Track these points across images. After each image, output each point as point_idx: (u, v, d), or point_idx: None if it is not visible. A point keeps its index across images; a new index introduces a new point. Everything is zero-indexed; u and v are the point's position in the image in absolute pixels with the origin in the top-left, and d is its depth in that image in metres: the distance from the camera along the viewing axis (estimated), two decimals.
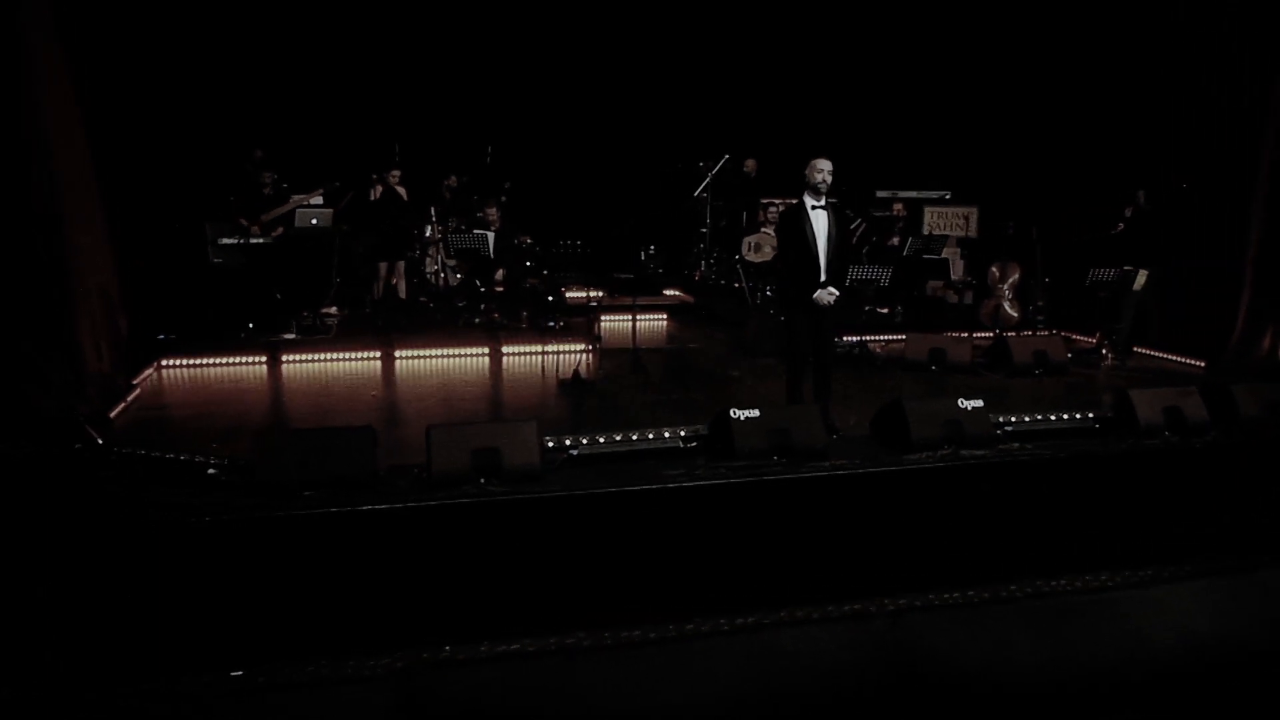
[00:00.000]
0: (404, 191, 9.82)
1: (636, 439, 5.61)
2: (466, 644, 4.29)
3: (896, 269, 9.69)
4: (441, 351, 8.18)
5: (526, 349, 8.32)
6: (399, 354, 8.07)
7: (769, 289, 10.26)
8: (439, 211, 10.35)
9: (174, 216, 8.56)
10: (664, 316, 10.56)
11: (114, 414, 6.06)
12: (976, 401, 5.86)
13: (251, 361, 7.79)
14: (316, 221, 8.96)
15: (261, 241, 8.65)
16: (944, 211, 11.97)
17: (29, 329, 5.53)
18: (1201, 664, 4.30)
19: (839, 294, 5.99)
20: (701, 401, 6.71)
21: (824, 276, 5.91)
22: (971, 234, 11.64)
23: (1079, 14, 10.24)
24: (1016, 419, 6.24)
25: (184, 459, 5.13)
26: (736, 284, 10.78)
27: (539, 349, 8.25)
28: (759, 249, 10.62)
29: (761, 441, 5.33)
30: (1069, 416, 6.37)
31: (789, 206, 6.24)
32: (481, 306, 9.42)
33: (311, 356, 7.95)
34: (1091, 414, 6.41)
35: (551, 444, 5.42)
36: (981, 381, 7.67)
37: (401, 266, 10.11)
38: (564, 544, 4.78)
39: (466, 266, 9.82)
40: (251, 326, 8.44)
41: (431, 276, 10.44)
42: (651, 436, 5.65)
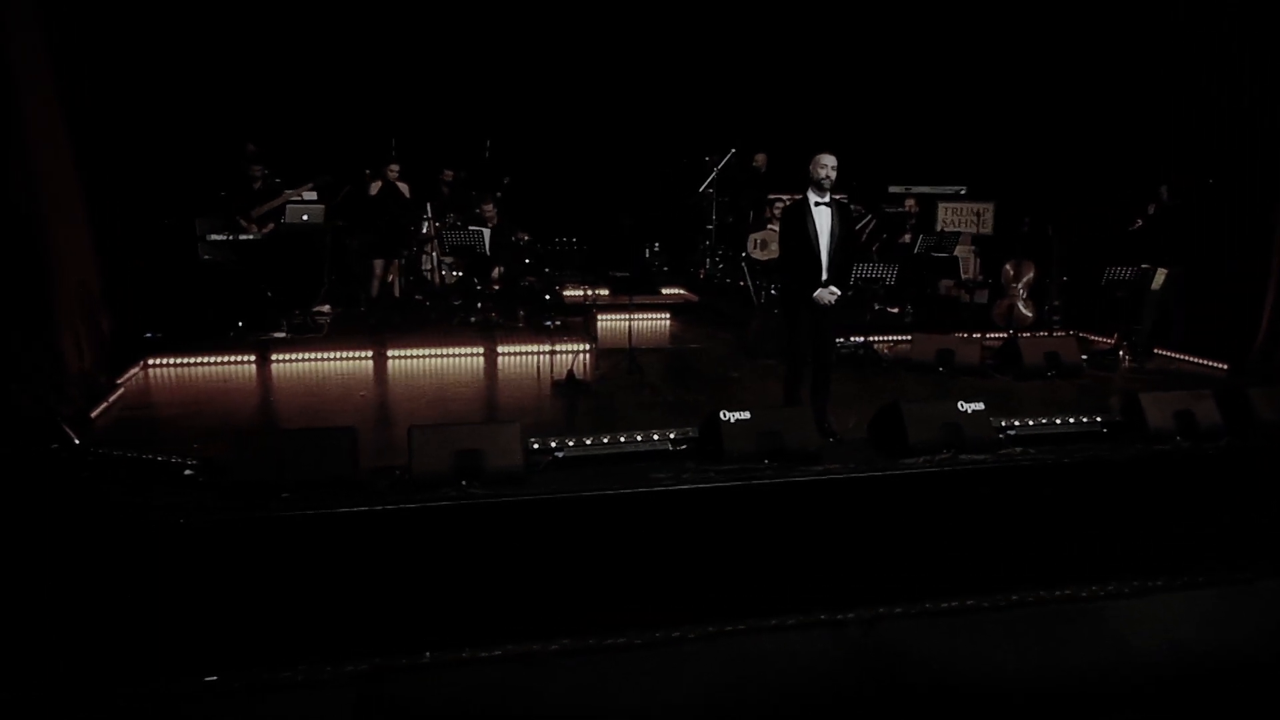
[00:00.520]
0: (405, 188, 9.68)
1: (624, 441, 5.48)
2: (444, 649, 4.23)
3: (903, 267, 9.43)
4: (435, 351, 8.05)
5: (522, 349, 8.18)
6: (392, 353, 7.95)
7: (774, 288, 10.07)
8: (435, 207, 10.21)
9: (163, 212, 8.43)
10: (667, 316, 10.36)
11: (95, 414, 5.97)
12: (977, 404, 5.68)
13: (240, 361, 7.68)
14: (307, 218, 8.82)
15: (252, 238, 8.52)
16: (958, 207, 11.54)
17: (7, 328, 5.45)
18: (1190, 672, 4.17)
19: (840, 293, 5.82)
20: (698, 403, 6.53)
21: (825, 275, 5.75)
22: (985, 230, 11.30)
23: (1101, 2, 9.92)
24: (1020, 422, 6.05)
25: (161, 460, 5.06)
26: (741, 282, 10.60)
27: (535, 349, 8.10)
28: (765, 246, 10.41)
29: (752, 444, 5.19)
30: (1076, 420, 6.17)
31: (791, 203, 6.06)
32: (478, 305, 9.27)
33: (302, 355, 7.82)
34: (1100, 418, 6.22)
35: (537, 446, 5.32)
36: (990, 383, 7.47)
37: (398, 264, 9.97)
38: (545, 548, 4.67)
39: (463, 264, 9.68)
40: (241, 325, 8.30)
41: (428, 274, 10.30)
42: (640, 439, 5.51)
